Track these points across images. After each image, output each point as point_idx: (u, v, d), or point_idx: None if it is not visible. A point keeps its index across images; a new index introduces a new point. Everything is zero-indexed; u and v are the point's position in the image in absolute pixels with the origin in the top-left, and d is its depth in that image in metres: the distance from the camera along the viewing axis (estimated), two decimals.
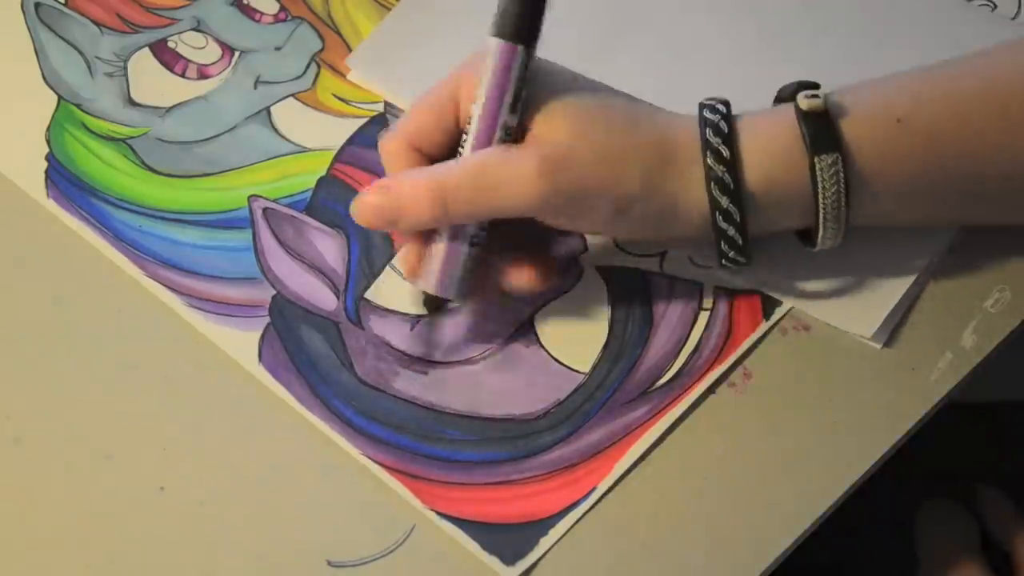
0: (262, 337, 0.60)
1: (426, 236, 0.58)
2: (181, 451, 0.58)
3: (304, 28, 0.70)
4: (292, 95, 0.67)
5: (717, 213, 0.56)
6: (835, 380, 0.60)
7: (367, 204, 0.57)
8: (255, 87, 0.68)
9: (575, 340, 0.60)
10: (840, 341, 0.60)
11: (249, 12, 0.70)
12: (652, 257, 0.62)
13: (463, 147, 0.56)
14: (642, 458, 0.58)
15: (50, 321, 0.61)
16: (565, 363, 0.60)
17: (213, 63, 0.69)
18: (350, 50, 0.69)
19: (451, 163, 0.56)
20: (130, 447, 0.58)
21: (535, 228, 0.58)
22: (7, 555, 0.56)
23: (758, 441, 0.58)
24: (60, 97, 0.67)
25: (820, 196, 0.56)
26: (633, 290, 0.62)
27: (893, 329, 0.60)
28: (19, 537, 0.56)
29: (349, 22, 0.70)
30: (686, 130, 0.57)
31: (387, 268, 0.62)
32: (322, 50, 0.69)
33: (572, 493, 0.57)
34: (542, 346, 0.60)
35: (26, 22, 0.70)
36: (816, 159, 0.55)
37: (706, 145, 0.56)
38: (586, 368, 0.60)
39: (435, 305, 0.59)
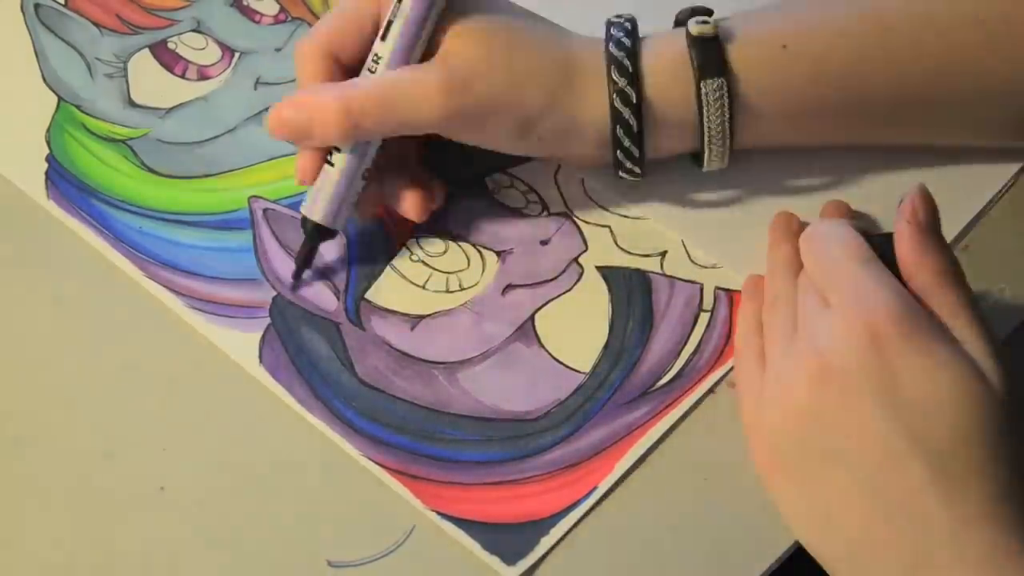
0: (262, 338, 0.60)
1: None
2: (181, 451, 0.58)
3: (304, 29, 0.70)
4: None
5: (618, 125, 0.58)
6: None
7: (279, 118, 0.58)
8: (255, 88, 0.68)
9: (575, 340, 0.60)
10: None
11: (249, 13, 0.70)
12: (652, 257, 0.62)
13: (370, 71, 0.58)
14: (643, 458, 0.58)
15: (50, 321, 0.61)
16: (565, 363, 0.60)
17: (213, 64, 0.69)
18: None
19: (360, 79, 0.58)
20: (130, 447, 0.58)
21: (417, 155, 0.62)
22: (7, 555, 0.55)
23: None
24: (60, 98, 0.67)
25: (705, 119, 0.59)
26: (633, 290, 0.62)
27: None
28: (19, 537, 0.56)
29: None
30: (591, 51, 0.59)
31: (387, 268, 0.62)
32: None
33: (573, 493, 0.57)
34: (542, 346, 0.60)
35: (26, 23, 0.70)
36: (702, 83, 0.58)
37: (610, 59, 0.58)
38: (586, 368, 0.60)
39: (317, 233, 0.60)
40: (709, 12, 0.60)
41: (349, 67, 0.59)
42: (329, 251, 0.63)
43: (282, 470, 0.57)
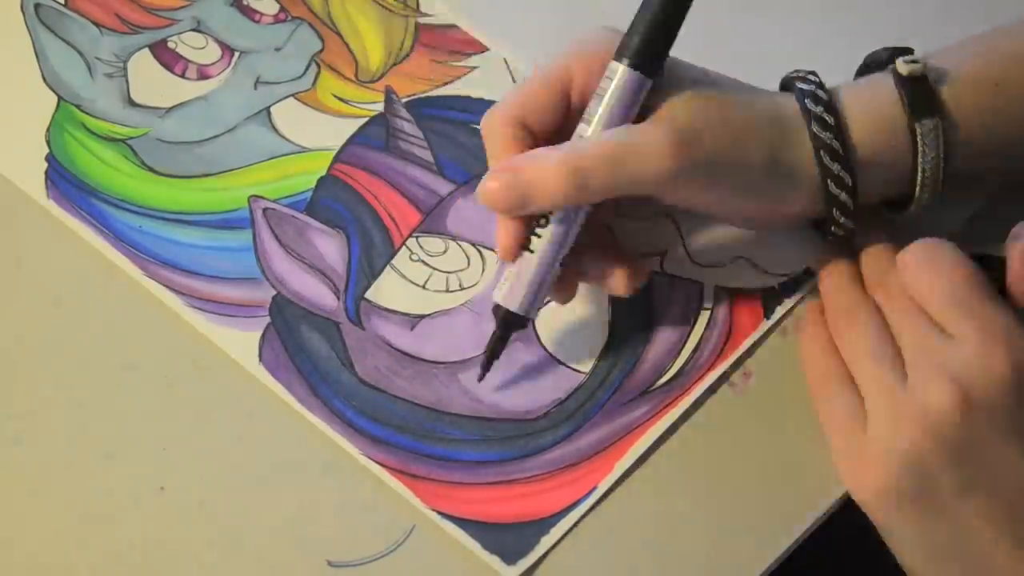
0: (262, 337, 0.60)
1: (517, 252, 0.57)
2: (181, 451, 0.58)
3: (304, 29, 0.70)
4: (292, 95, 0.67)
5: (829, 180, 0.56)
6: None
7: (492, 188, 0.55)
8: (255, 87, 0.68)
9: (575, 340, 0.60)
10: None
11: (249, 12, 0.70)
12: (652, 257, 0.62)
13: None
14: (643, 458, 0.58)
15: (50, 321, 0.61)
16: (565, 363, 0.60)
17: (213, 63, 0.69)
18: (350, 51, 0.69)
19: (580, 142, 0.55)
20: (130, 447, 0.58)
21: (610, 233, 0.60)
22: (7, 555, 0.56)
23: (758, 441, 0.58)
24: (60, 98, 0.67)
25: (920, 161, 0.57)
26: None
27: None
28: (19, 537, 0.56)
29: (349, 23, 0.70)
30: (792, 104, 0.57)
31: (387, 268, 0.62)
32: (322, 51, 0.69)
33: (573, 492, 0.57)
34: (542, 346, 0.60)
35: (26, 23, 0.69)
36: (917, 124, 0.56)
37: (808, 114, 0.56)
38: (586, 368, 0.60)
39: (512, 323, 0.57)
40: (910, 51, 0.58)
41: (541, 139, 0.57)
42: (329, 250, 0.63)
43: (282, 470, 0.57)
